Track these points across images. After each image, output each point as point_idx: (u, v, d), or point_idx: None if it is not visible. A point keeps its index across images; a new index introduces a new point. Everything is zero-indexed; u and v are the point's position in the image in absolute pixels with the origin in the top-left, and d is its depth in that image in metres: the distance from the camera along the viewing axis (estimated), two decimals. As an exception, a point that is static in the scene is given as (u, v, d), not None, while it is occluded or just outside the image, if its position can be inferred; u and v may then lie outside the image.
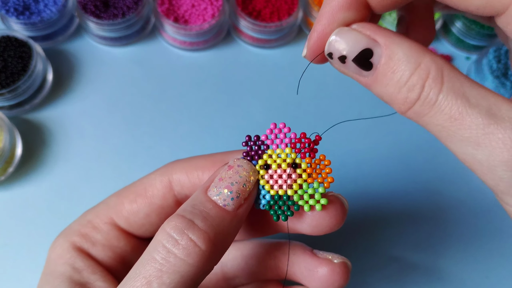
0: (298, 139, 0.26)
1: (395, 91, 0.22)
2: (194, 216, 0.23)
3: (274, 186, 0.26)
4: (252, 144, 0.27)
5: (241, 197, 0.25)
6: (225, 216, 0.24)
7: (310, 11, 0.56)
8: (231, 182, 0.25)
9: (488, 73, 0.53)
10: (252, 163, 0.26)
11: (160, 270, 0.22)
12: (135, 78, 0.54)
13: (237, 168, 0.25)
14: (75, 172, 0.48)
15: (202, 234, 0.22)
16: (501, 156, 0.21)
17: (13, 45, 0.49)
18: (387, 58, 0.22)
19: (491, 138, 0.21)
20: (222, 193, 0.24)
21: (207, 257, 0.22)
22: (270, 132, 0.26)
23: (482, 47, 0.57)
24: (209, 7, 0.54)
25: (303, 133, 0.26)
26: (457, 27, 0.57)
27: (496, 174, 0.21)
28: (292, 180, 0.25)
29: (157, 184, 0.29)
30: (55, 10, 0.52)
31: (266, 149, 0.26)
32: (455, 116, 0.21)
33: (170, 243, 0.22)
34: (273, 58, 0.56)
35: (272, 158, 0.26)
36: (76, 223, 0.30)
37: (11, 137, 0.45)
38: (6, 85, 0.47)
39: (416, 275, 0.45)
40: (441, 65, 0.22)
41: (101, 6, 0.53)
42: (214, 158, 0.29)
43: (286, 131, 0.26)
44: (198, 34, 0.53)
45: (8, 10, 0.51)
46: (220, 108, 0.52)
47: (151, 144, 0.50)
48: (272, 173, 0.26)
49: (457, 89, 0.21)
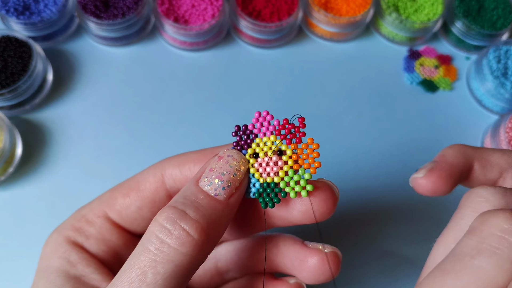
0: (282, 126, 0.26)
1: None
2: (186, 206, 0.23)
3: (263, 174, 0.26)
4: (242, 133, 0.27)
5: (232, 187, 0.25)
6: (216, 206, 0.24)
7: (310, 11, 0.56)
8: (222, 172, 0.25)
9: (488, 73, 0.53)
10: (242, 152, 0.26)
11: (154, 260, 0.22)
12: (135, 78, 0.54)
13: (227, 158, 0.25)
14: (75, 172, 0.48)
15: (194, 224, 0.23)
16: None
17: (13, 45, 0.49)
18: None
19: None
20: (213, 183, 0.24)
21: (200, 246, 0.23)
22: (256, 121, 0.27)
23: (482, 47, 0.57)
24: (209, 7, 0.54)
25: (285, 119, 0.26)
26: (457, 27, 0.57)
27: None
28: (278, 167, 0.25)
29: (150, 178, 0.30)
30: (55, 10, 0.52)
31: (254, 138, 0.26)
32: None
33: (163, 233, 0.22)
34: (273, 58, 0.56)
35: (259, 147, 0.26)
36: (70, 218, 0.31)
37: (11, 137, 0.45)
38: (6, 85, 0.47)
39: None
40: None
41: (101, 6, 0.53)
42: (205, 151, 0.30)
43: (269, 119, 0.26)
44: (198, 34, 0.53)
45: (8, 10, 0.51)
46: (220, 108, 0.52)
47: (151, 144, 0.50)
48: (261, 161, 0.26)
49: None
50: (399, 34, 0.57)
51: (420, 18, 0.56)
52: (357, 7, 0.56)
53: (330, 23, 0.55)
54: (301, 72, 0.56)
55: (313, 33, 0.58)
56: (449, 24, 0.58)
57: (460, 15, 0.56)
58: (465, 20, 0.56)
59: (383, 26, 0.58)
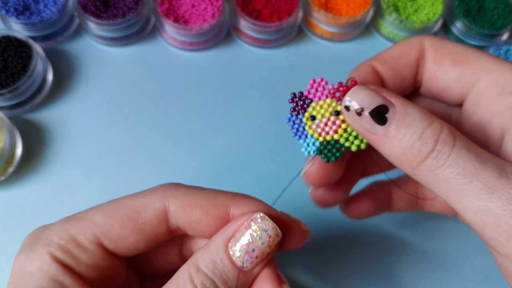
0: (336, 89, 0.27)
1: (408, 145, 0.24)
2: (215, 276, 0.25)
3: (322, 133, 0.28)
4: (298, 99, 0.29)
5: (259, 259, 0.26)
6: (242, 278, 0.26)
7: (310, 11, 0.56)
8: (253, 248, 0.25)
9: (488, 73, 0.53)
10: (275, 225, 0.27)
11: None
12: (135, 78, 0.54)
13: (261, 233, 0.26)
14: (75, 172, 0.48)
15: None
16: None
17: (13, 45, 0.49)
18: (402, 115, 0.24)
19: (505, 189, 0.22)
20: (241, 255, 0.25)
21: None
22: (310, 87, 0.29)
23: (482, 47, 0.57)
24: (209, 7, 0.54)
25: (339, 82, 0.27)
26: (457, 27, 0.57)
27: (509, 225, 0.22)
28: (336, 126, 0.27)
29: (151, 211, 0.28)
30: (55, 10, 0.52)
31: (310, 102, 0.28)
32: (468, 168, 0.22)
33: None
34: (273, 58, 0.56)
35: (316, 110, 0.28)
36: (52, 234, 0.27)
37: (11, 137, 0.45)
38: (6, 85, 0.47)
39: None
40: (451, 127, 0.24)
41: (101, 6, 0.53)
42: (216, 199, 0.28)
43: (324, 84, 0.28)
44: (198, 34, 0.53)
45: (8, 10, 0.51)
46: (220, 108, 0.52)
47: (151, 144, 0.50)
48: (318, 122, 0.28)
49: (469, 146, 0.23)
50: (399, 34, 0.57)
51: (420, 18, 0.56)
52: (357, 7, 0.56)
53: (330, 23, 0.55)
54: (301, 72, 0.56)
55: (313, 33, 0.58)
56: (449, 24, 0.58)
57: (460, 15, 0.56)
58: (465, 20, 0.56)
59: (383, 26, 0.58)
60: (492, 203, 0.22)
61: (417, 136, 0.23)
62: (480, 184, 0.22)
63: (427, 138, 0.23)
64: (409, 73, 0.29)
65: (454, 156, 0.23)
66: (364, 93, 0.25)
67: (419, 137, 0.23)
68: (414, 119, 0.24)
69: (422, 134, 0.23)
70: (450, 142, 0.23)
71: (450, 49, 0.28)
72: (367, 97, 0.25)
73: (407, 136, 0.24)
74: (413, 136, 0.23)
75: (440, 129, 0.23)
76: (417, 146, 0.23)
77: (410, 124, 0.24)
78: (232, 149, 0.50)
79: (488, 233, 0.23)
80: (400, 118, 0.24)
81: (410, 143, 0.24)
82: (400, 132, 0.24)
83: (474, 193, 0.22)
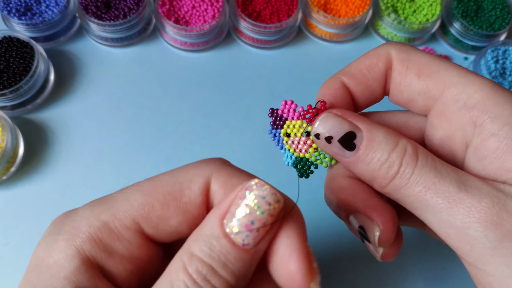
0: (306, 111, 0.29)
1: (376, 168, 0.25)
2: (212, 260, 0.21)
3: (296, 150, 0.29)
4: (276, 115, 0.30)
5: (262, 232, 0.22)
6: (245, 257, 0.22)
7: (310, 12, 0.56)
8: (252, 220, 0.22)
9: (486, 74, 0.53)
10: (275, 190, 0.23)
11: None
12: (136, 78, 0.54)
13: (259, 202, 0.22)
14: (77, 171, 0.48)
15: (224, 283, 0.22)
16: (474, 217, 0.23)
17: (15, 46, 0.49)
18: (368, 140, 0.26)
19: (463, 202, 0.23)
20: (241, 231, 0.22)
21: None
22: (283, 108, 0.30)
23: (480, 48, 0.58)
24: (209, 8, 0.55)
25: (309, 105, 0.29)
26: (455, 27, 0.57)
27: (469, 236, 0.23)
28: (307, 145, 0.29)
29: (195, 188, 0.24)
30: (57, 11, 0.52)
31: (285, 120, 0.30)
32: (428, 186, 0.24)
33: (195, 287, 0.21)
34: (273, 59, 0.57)
35: (290, 128, 0.30)
36: (81, 220, 0.24)
37: (13, 137, 0.46)
38: (8, 85, 0.47)
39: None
40: (415, 145, 0.26)
41: (103, 7, 0.53)
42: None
43: (294, 107, 0.29)
44: (198, 35, 0.54)
45: (10, 11, 0.51)
46: (220, 108, 0.53)
47: (152, 144, 0.50)
48: (293, 139, 0.29)
49: (430, 164, 0.25)
50: (397, 35, 0.58)
51: (418, 19, 0.57)
52: (356, 8, 0.56)
53: (329, 24, 0.56)
54: (300, 73, 0.56)
55: (312, 34, 0.59)
56: (448, 24, 0.58)
57: (458, 15, 0.56)
58: (463, 21, 0.56)
59: (382, 27, 0.58)
60: (452, 217, 0.23)
61: (384, 159, 0.25)
62: (439, 200, 0.24)
63: (393, 161, 0.25)
64: (378, 85, 0.30)
65: (416, 175, 0.24)
66: (331, 122, 0.27)
67: (385, 160, 0.25)
68: (380, 143, 0.25)
69: (388, 157, 0.25)
70: (412, 162, 0.25)
71: (415, 60, 0.29)
72: (335, 126, 0.26)
73: (375, 159, 0.25)
74: (380, 160, 0.25)
75: (403, 150, 0.25)
76: (384, 168, 0.25)
77: (377, 148, 0.25)
78: (232, 148, 0.51)
79: (453, 243, 0.24)
80: (367, 143, 0.26)
81: (378, 165, 0.25)
82: (368, 156, 0.26)
83: (435, 208, 0.24)
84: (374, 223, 0.27)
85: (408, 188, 0.25)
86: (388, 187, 0.25)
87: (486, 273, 0.23)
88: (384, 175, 0.25)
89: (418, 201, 0.24)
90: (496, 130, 0.25)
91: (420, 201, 0.24)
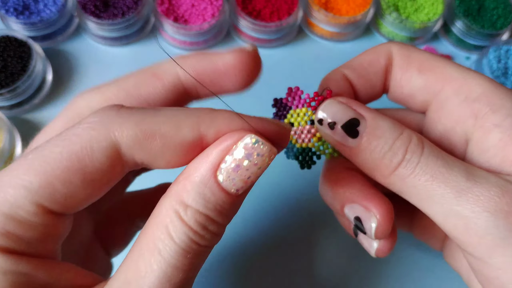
0: (312, 98, 0.28)
1: (379, 156, 0.25)
2: (209, 210, 0.22)
3: (298, 140, 0.29)
4: (279, 105, 0.30)
5: (254, 179, 0.22)
6: (236, 201, 0.23)
7: (310, 11, 0.56)
8: (249, 175, 0.22)
9: (488, 73, 0.53)
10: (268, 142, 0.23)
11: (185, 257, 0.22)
12: (135, 78, 0.53)
13: (256, 158, 0.22)
14: (74, 172, 0.48)
15: (221, 227, 0.23)
16: (483, 206, 0.22)
17: (12, 45, 0.49)
18: (373, 128, 0.25)
19: (471, 191, 0.23)
20: (235, 182, 0.22)
21: (220, 237, 0.23)
22: (288, 95, 0.29)
23: (482, 47, 0.57)
24: (209, 7, 0.54)
25: (315, 92, 0.28)
26: (457, 27, 0.57)
27: (478, 226, 0.22)
28: (311, 134, 0.28)
29: (99, 155, 0.22)
30: (55, 10, 0.52)
31: (289, 110, 0.29)
32: (435, 175, 0.23)
33: (196, 236, 0.22)
34: (273, 58, 0.56)
35: (293, 117, 0.29)
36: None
37: (10, 137, 0.45)
38: (6, 85, 0.47)
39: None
40: (420, 136, 0.25)
41: (101, 6, 0.53)
42: (179, 122, 0.23)
43: (299, 93, 0.29)
44: (198, 34, 0.53)
45: (7, 10, 0.51)
46: (219, 108, 0.52)
47: (151, 144, 0.50)
48: (296, 129, 0.29)
49: (436, 153, 0.24)
50: (399, 34, 0.57)
51: (420, 18, 0.56)
52: (357, 7, 0.56)
53: (330, 23, 0.55)
54: (301, 72, 0.56)
55: (313, 33, 0.58)
56: (449, 24, 0.58)
57: (460, 14, 0.56)
58: (465, 20, 0.56)
59: (383, 26, 0.58)
60: (460, 206, 0.23)
61: (388, 147, 0.24)
62: (448, 189, 0.23)
63: (397, 149, 0.24)
64: (378, 80, 0.30)
65: (422, 164, 0.24)
66: (336, 107, 0.26)
67: (389, 148, 0.24)
68: (384, 131, 0.25)
69: (392, 145, 0.24)
70: (418, 151, 0.24)
71: (416, 56, 0.29)
72: (339, 111, 0.26)
73: (378, 147, 0.25)
74: (384, 147, 0.25)
75: (409, 139, 0.25)
76: (388, 156, 0.24)
77: (380, 136, 0.25)
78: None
79: (460, 236, 0.23)
80: (370, 130, 0.25)
81: (381, 154, 0.25)
82: (372, 144, 0.25)
83: (443, 198, 0.23)
84: (371, 214, 0.26)
85: (414, 177, 0.24)
86: (391, 176, 0.25)
87: (494, 266, 0.23)
88: (388, 164, 0.25)
89: (425, 190, 0.24)
90: (499, 121, 0.25)
91: (427, 190, 0.24)
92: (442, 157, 0.24)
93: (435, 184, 0.23)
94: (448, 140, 0.28)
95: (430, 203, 0.24)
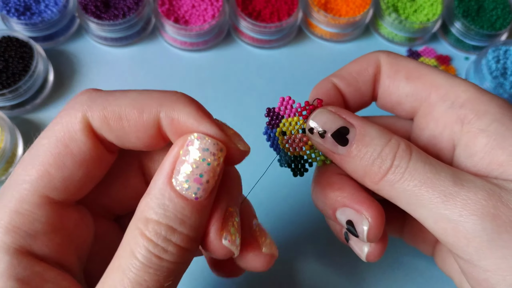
0: (303, 108, 0.29)
1: (369, 163, 0.25)
2: (170, 220, 0.22)
3: (291, 148, 0.29)
4: (272, 114, 0.30)
5: (212, 181, 0.22)
6: (199, 209, 0.22)
7: (310, 11, 0.56)
8: (200, 173, 0.22)
9: (487, 74, 0.53)
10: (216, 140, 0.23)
11: (155, 275, 0.22)
12: (136, 78, 0.54)
13: (203, 154, 0.22)
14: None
15: (185, 238, 0.22)
16: (470, 209, 0.23)
17: (14, 46, 0.49)
18: (361, 135, 0.26)
19: (459, 195, 0.23)
20: (191, 187, 0.22)
21: (192, 252, 0.23)
22: (280, 105, 0.30)
23: (481, 48, 0.58)
24: (209, 8, 0.55)
25: (306, 101, 0.29)
26: (456, 27, 0.57)
27: (466, 229, 0.23)
28: (303, 142, 0.29)
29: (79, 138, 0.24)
30: (56, 10, 0.52)
31: (281, 119, 0.30)
32: (423, 180, 0.24)
33: (157, 250, 0.22)
34: (273, 59, 0.57)
35: (286, 126, 0.29)
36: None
37: (12, 137, 0.45)
38: (7, 85, 0.47)
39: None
40: (408, 142, 0.26)
41: (102, 6, 0.53)
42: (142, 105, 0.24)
43: (291, 103, 0.29)
44: (198, 35, 0.54)
45: (9, 10, 0.51)
46: (220, 108, 0.53)
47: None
48: (288, 138, 0.29)
49: (424, 159, 0.25)
50: (398, 35, 0.58)
51: (419, 18, 0.57)
52: (356, 8, 0.56)
53: (330, 24, 0.56)
54: (301, 73, 0.56)
55: (313, 34, 0.58)
56: (449, 24, 0.58)
57: (460, 15, 0.56)
58: (464, 21, 0.56)
59: (383, 27, 0.58)
60: (448, 211, 0.23)
61: (377, 154, 0.25)
62: (436, 193, 0.24)
63: (386, 155, 0.25)
64: (367, 89, 0.30)
65: (410, 169, 0.24)
66: (325, 116, 0.27)
67: (378, 155, 0.25)
68: (373, 138, 0.25)
69: (381, 152, 0.25)
70: (406, 157, 0.25)
71: (403, 65, 0.29)
72: (328, 120, 0.26)
73: (368, 154, 0.25)
74: (373, 154, 0.25)
75: (397, 145, 0.25)
76: (377, 163, 0.25)
77: (369, 143, 0.25)
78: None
79: (449, 239, 0.24)
80: (359, 138, 0.26)
81: (370, 160, 0.25)
82: (361, 151, 0.25)
83: (431, 202, 0.24)
84: (363, 217, 0.27)
85: (403, 183, 0.25)
86: (381, 182, 0.25)
87: (483, 269, 0.23)
88: (377, 170, 0.25)
89: (414, 196, 0.24)
90: (485, 127, 0.26)
91: (416, 196, 0.24)
92: (430, 162, 0.25)
93: (423, 189, 0.24)
94: (436, 145, 0.29)
95: (419, 208, 0.24)
